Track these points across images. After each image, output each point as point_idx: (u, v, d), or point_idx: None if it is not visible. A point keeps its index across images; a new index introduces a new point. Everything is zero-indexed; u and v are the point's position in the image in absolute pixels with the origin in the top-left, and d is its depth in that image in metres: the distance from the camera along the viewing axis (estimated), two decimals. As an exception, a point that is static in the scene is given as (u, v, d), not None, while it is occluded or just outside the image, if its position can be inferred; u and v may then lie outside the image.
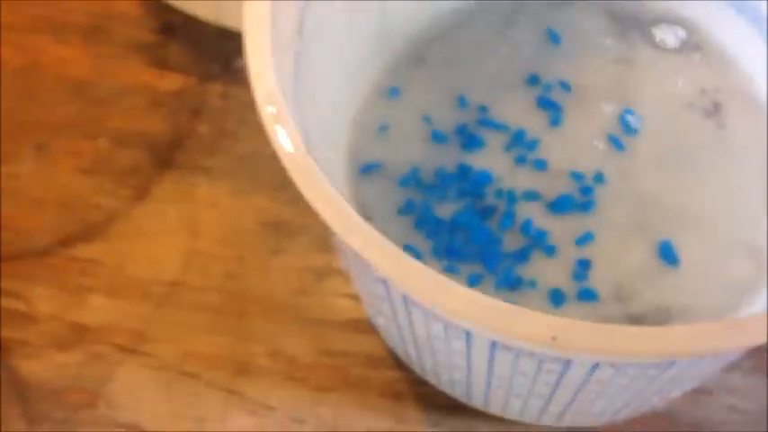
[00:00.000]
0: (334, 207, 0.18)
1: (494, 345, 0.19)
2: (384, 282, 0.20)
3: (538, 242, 0.24)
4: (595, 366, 0.18)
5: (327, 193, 0.18)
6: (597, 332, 0.16)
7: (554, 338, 0.16)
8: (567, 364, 0.18)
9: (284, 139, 0.19)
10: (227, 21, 0.30)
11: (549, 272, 0.24)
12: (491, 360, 0.20)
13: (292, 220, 0.29)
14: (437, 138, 0.25)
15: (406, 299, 0.20)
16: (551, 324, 0.16)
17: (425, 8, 0.26)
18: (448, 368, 0.22)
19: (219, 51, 0.31)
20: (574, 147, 0.25)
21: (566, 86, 0.26)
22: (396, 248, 0.17)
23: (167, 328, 0.27)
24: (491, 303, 0.17)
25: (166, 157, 0.29)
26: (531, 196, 0.24)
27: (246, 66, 0.20)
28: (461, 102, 0.26)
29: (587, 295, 0.23)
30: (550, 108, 0.25)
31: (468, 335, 0.19)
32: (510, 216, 0.24)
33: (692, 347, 0.16)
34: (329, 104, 0.24)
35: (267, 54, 0.20)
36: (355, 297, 0.27)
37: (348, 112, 0.25)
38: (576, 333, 0.16)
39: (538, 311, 0.16)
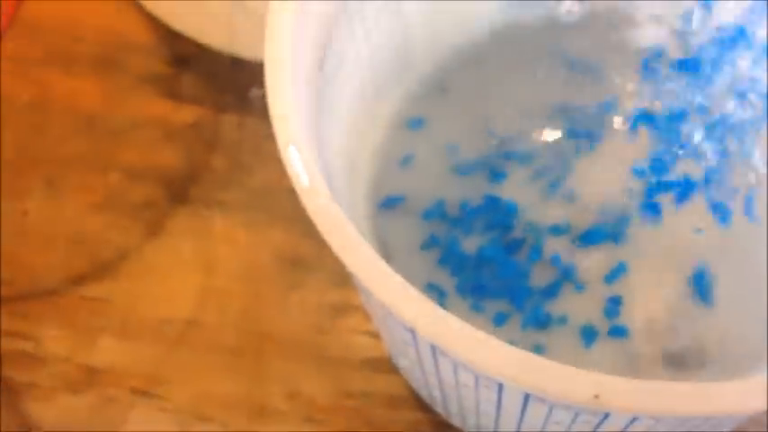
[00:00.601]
0: (361, 257, 0.17)
1: (527, 396, 0.18)
2: (411, 330, 0.19)
3: (567, 276, 0.23)
4: (635, 419, 0.18)
5: (355, 243, 0.17)
6: (640, 390, 0.15)
7: (596, 397, 0.15)
8: (605, 416, 0.18)
9: (308, 184, 0.18)
10: (241, 50, 0.30)
11: (578, 308, 0.23)
12: (523, 410, 0.19)
13: (309, 255, 0.28)
14: (462, 169, 0.25)
15: (434, 348, 0.19)
16: (592, 382, 0.15)
17: (448, 38, 0.26)
18: (475, 414, 0.21)
19: (234, 81, 0.30)
20: (604, 178, 0.24)
21: (595, 117, 0.25)
22: (425, 299, 0.17)
23: (181, 370, 0.26)
24: (526, 359, 0.16)
25: (181, 191, 0.29)
26: (561, 229, 0.24)
27: (266, 102, 0.19)
28: (487, 132, 0.25)
29: (619, 332, 0.22)
30: (580, 137, 0.25)
31: (499, 386, 0.18)
32: (538, 249, 0.23)
33: (739, 405, 0.15)
34: (351, 137, 0.23)
35: (289, 94, 0.19)
36: (375, 335, 0.27)
37: (370, 144, 0.25)
38: (618, 392, 0.15)
39: (576, 369, 0.15)
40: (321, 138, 0.21)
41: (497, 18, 0.26)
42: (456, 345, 0.16)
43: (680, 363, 0.22)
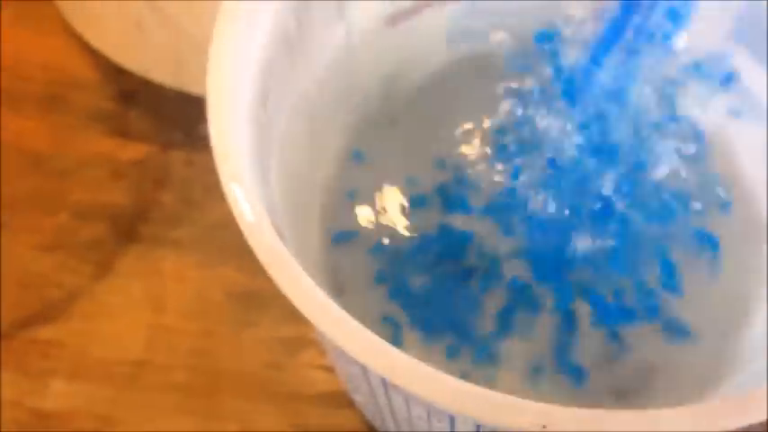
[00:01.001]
0: (306, 294, 0.17)
1: (479, 427, 0.18)
2: (361, 365, 0.19)
3: (519, 304, 0.23)
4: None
5: (300, 280, 0.17)
6: (586, 419, 0.15)
7: (544, 427, 0.15)
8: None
9: (252, 221, 0.18)
10: (189, 86, 0.30)
11: (528, 342, 0.23)
12: (476, 442, 0.19)
13: (262, 290, 0.28)
14: (414, 201, 0.25)
15: (385, 382, 0.19)
16: (540, 412, 0.15)
17: (396, 70, 0.26)
18: (430, 446, 0.21)
19: (182, 117, 0.30)
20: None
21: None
22: (371, 335, 0.17)
23: (134, 411, 0.26)
24: (475, 392, 0.16)
25: (130, 229, 0.28)
26: (515, 255, 0.24)
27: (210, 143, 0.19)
28: (438, 163, 0.25)
29: (569, 367, 0.23)
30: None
31: (451, 418, 0.18)
32: (491, 278, 0.23)
33: (686, 428, 0.16)
34: (299, 172, 0.23)
35: (232, 131, 0.19)
36: (330, 369, 0.26)
37: (319, 179, 0.25)
38: (565, 421, 0.15)
39: (524, 400, 0.15)
40: (267, 174, 0.21)
41: (442, 51, 0.26)
42: (405, 380, 0.16)
43: (626, 394, 0.22)
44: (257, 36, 0.21)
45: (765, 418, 0.16)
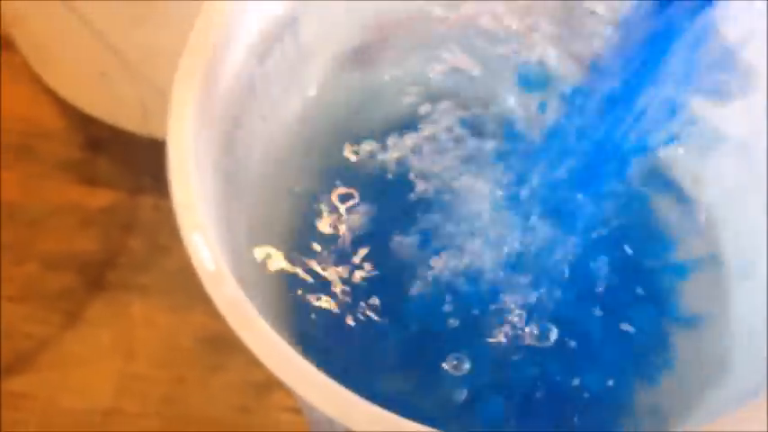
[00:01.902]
0: (266, 344, 0.17)
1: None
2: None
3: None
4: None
5: (260, 331, 0.17)
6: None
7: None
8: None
9: (213, 270, 0.18)
10: (156, 132, 0.30)
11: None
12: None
13: (231, 335, 0.27)
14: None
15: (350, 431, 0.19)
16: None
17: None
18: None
19: (150, 163, 0.30)
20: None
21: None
22: (336, 386, 0.17)
23: (105, 460, 0.26)
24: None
25: (98, 277, 0.28)
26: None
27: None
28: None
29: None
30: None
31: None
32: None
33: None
34: (271, 218, 0.23)
35: (193, 181, 0.19)
36: (299, 411, 0.26)
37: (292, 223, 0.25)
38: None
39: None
40: (233, 222, 0.21)
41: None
42: (370, 429, 0.16)
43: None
44: (220, 85, 0.21)
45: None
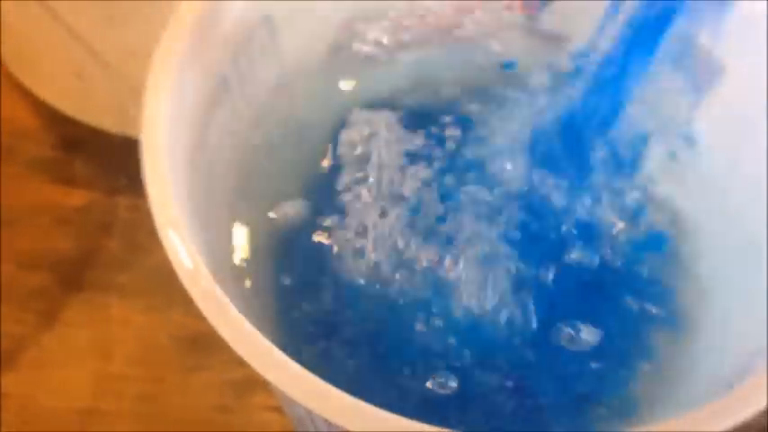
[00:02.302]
0: (244, 338, 0.17)
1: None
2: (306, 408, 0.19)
3: None
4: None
5: (237, 324, 0.17)
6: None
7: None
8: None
9: (190, 267, 0.18)
10: (132, 131, 0.29)
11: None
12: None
13: (209, 333, 0.27)
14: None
15: (329, 423, 0.19)
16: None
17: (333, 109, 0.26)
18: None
19: (126, 162, 0.30)
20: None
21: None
22: (315, 379, 0.17)
23: (83, 460, 0.26)
24: (414, 428, 0.16)
25: (75, 277, 0.28)
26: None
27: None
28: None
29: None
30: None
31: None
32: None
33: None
34: (249, 213, 0.23)
35: (166, 178, 0.19)
36: (280, 410, 0.26)
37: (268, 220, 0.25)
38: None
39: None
40: (209, 218, 0.21)
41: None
42: (347, 420, 0.16)
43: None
44: (193, 82, 0.21)
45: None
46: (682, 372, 0.22)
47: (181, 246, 0.19)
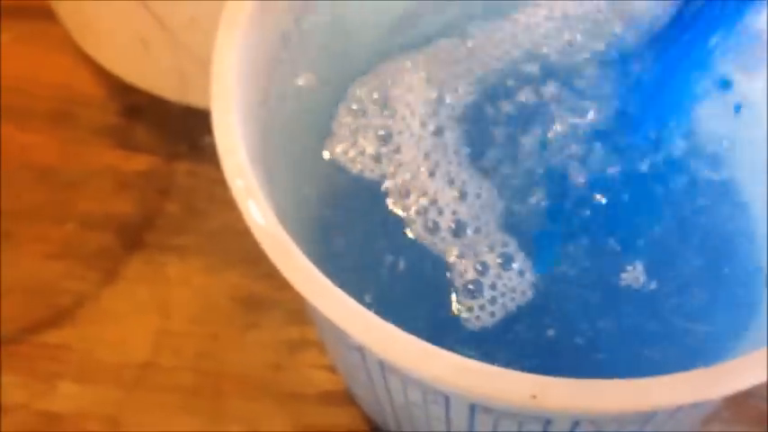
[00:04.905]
0: (307, 276, 0.18)
1: (473, 408, 0.19)
2: (359, 349, 0.20)
3: None
4: (576, 424, 0.18)
5: (300, 263, 0.18)
6: (577, 388, 0.16)
7: (534, 397, 0.16)
8: (548, 422, 0.18)
9: (255, 212, 0.19)
10: (192, 99, 0.31)
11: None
12: (471, 424, 0.19)
13: (265, 295, 0.28)
14: None
15: (382, 365, 0.19)
16: (530, 382, 0.16)
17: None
18: (428, 435, 0.22)
19: (186, 130, 0.31)
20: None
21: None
22: (369, 313, 0.17)
23: (140, 412, 0.27)
24: (465, 364, 0.16)
25: (135, 237, 0.29)
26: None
27: (214, 140, 0.20)
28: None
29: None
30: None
31: (446, 399, 0.19)
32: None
33: (671, 399, 0.16)
34: (302, 165, 0.24)
35: (235, 128, 0.20)
36: (332, 369, 0.27)
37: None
38: (555, 390, 0.16)
39: (514, 371, 0.16)
40: (270, 173, 0.22)
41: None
42: (398, 353, 0.17)
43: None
44: (257, 40, 0.22)
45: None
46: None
47: (248, 197, 0.19)
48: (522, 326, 0.22)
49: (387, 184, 0.24)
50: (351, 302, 0.18)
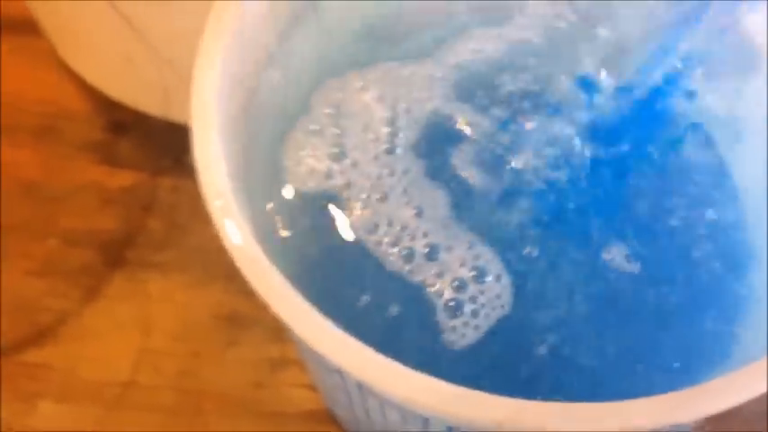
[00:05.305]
0: (282, 297, 0.18)
1: (451, 430, 0.19)
2: (338, 370, 0.19)
3: None
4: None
5: (276, 284, 0.18)
6: (551, 412, 0.16)
7: (507, 421, 0.16)
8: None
9: (232, 232, 0.19)
10: (176, 115, 0.30)
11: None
12: (450, 446, 0.19)
13: (246, 312, 0.28)
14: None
15: (360, 387, 0.19)
16: (505, 406, 0.16)
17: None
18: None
19: (170, 145, 0.31)
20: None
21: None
22: (346, 335, 0.17)
23: (121, 431, 0.26)
24: (443, 388, 0.16)
25: (118, 254, 0.29)
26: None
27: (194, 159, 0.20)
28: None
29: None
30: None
31: (425, 421, 0.19)
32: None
33: (649, 421, 0.16)
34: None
35: (214, 147, 0.20)
36: (313, 387, 0.27)
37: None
38: (528, 414, 0.16)
39: (487, 394, 0.16)
40: (250, 194, 0.22)
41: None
42: (377, 377, 0.17)
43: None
44: (239, 56, 0.21)
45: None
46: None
47: (226, 217, 0.19)
48: (506, 336, 0.22)
49: (346, 204, 0.23)
50: (327, 324, 0.17)
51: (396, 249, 0.22)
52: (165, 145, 0.31)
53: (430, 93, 0.25)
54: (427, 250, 0.22)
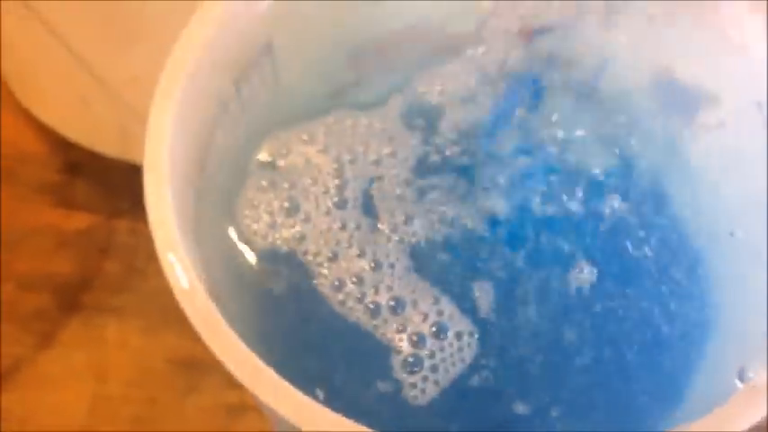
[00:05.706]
0: (239, 358, 0.17)
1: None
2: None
3: None
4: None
5: (233, 344, 0.18)
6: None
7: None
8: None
9: (183, 281, 0.19)
10: (133, 156, 0.30)
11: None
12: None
13: (204, 357, 0.27)
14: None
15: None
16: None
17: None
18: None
19: (127, 187, 0.30)
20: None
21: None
22: (290, 387, 0.17)
23: (77, 480, 0.26)
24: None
25: (73, 299, 0.29)
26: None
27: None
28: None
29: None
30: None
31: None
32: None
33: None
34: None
35: (167, 201, 0.20)
36: (272, 433, 0.27)
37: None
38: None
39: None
40: (203, 237, 0.21)
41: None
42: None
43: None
44: (195, 106, 0.21)
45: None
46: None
47: (179, 267, 0.19)
48: (468, 390, 0.22)
49: (302, 257, 0.23)
50: (270, 374, 0.17)
51: (356, 303, 0.22)
52: (123, 187, 0.30)
53: (373, 143, 0.25)
54: (390, 303, 0.22)
